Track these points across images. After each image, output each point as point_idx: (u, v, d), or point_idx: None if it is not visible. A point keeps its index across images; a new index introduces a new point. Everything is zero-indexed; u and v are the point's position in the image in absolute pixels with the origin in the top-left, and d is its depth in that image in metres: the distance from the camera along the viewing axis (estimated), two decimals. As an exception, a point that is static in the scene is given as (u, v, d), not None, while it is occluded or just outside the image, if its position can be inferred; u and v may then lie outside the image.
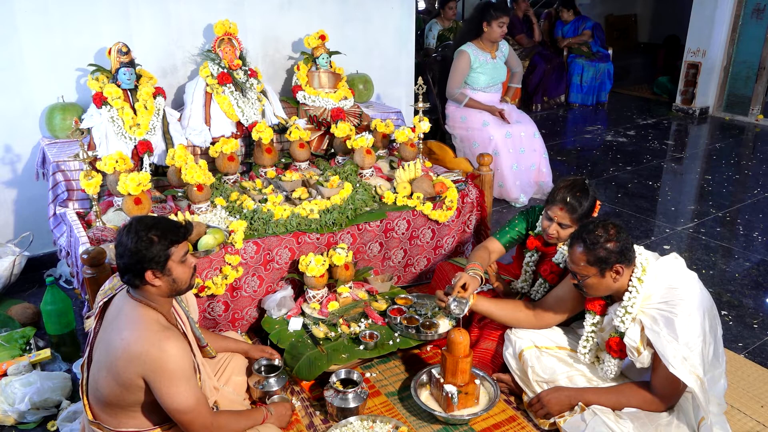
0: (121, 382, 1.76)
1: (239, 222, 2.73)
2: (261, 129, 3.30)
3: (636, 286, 2.09)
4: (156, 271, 1.79)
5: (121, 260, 1.80)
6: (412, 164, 3.25)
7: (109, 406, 1.84)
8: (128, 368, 1.74)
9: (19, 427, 2.37)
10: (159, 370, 1.73)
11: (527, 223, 2.73)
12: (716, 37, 6.89)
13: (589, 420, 2.11)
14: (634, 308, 2.09)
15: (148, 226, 1.80)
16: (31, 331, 2.83)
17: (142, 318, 1.80)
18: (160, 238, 1.79)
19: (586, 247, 2.07)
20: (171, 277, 1.83)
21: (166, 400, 1.76)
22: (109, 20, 3.34)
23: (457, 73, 4.50)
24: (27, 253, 3.31)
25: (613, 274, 2.08)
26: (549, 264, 2.60)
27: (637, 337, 2.08)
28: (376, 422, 2.24)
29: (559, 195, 2.43)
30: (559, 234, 2.47)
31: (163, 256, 1.80)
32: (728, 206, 4.58)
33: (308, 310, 2.78)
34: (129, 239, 1.77)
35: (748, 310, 3.19)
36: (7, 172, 3.35)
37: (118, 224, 2.75)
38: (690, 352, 1.98)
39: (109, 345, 1.79)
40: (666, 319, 2.02)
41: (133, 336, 1.75)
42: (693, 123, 7.08)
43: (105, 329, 1.86)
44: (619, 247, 2.05)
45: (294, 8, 3.91)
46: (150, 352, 1.73)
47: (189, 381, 1.78)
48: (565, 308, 2.38)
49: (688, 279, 2.12)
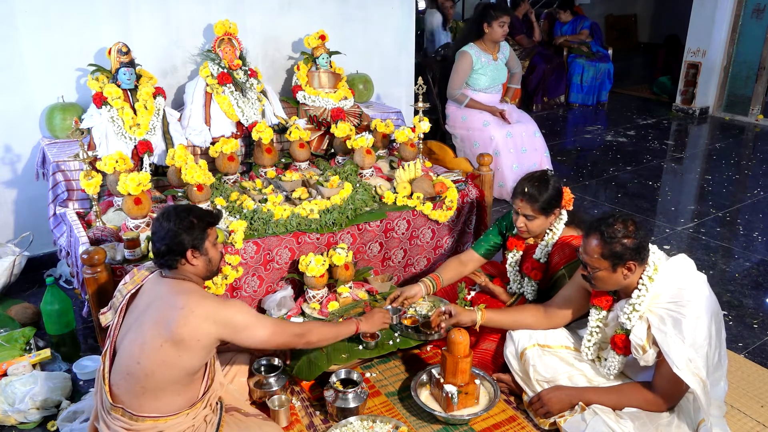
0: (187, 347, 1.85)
1: (239, 222, 2.73)
2: (261, 129, 3.30)
3: (646, 284, 2.08)
4: (195, 250, 1.97)
5: (163, 242, 1.94)
6: (412, 164, 3.25)
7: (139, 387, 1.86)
8: (198, 330, 1.85)
9: (19, 427, 2.37)
10: (230, 324, 1.91)
11: (501, 228, 2.77)
12: (716, 37, 6.89)
13: (589, 420, 2.11)
14: (642, 306, 2.08)
15: (187, 210, 2.00)
16: (31, 331, 2.83)
17: (190, 287, 1.96)
18: (198, 220, 1.99)
19: (603, 239, 2.05)
20: (207, 257, 2.01)
21: (250, 344, 2.00)
22: (109, 20, 3.34)
23: (458, 74, 4.50)
24: (27, 253, 3.31)
25: (625, 271, 2.07)
26: (530, 261, 2.62)
27: (644, 335, 2.07)
28: (376, 422, 2.24)
29: (520, 187, 2.51)
30: (527, 226, 2.52)
31: (201, 237, 1.98)
32: (728, 206, 4.58)
33: (308, 310, 2.78)
34: (172, 223, 1.94)
35: (748, 310, 3.19)
36: (7, 172, 3.35)
37: (118, 224, 2.75)
38: (695, 354, 1.97)
39: (166, 318, 1.86)
40: (674, 319, 2.01)
41: (192, 301, 1.89)
42: (693, 123, 7.08)
43: (145, 311, 1.93)
44: (635, 244, 2.04)
45: (294, 8, 3.91)
46: (218, 311, 1.90)
47: (258, 318, 2.00)
48: (573, 307, 2.37)
49: (697, 281, 2.11)
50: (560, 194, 2.51)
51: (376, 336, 2.63)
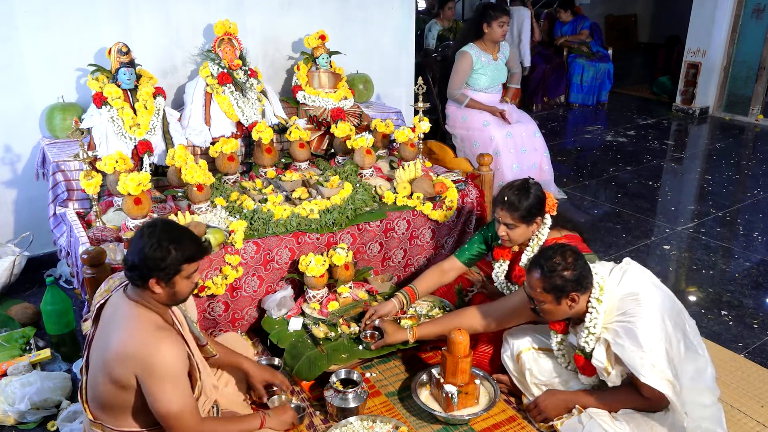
0: (115, 382, 1.76)
1: (239, 222, 2.73)
2: (261, 129, 3.30)
3: (596, 307, 2.09)
4: (161, 280, 1.78)
5: (132, 257, 1.78)
6: (412, 164, 3.25)
7: (107, 407, 1.83)
8: (122, 367, 1.74)
9: (19, 427, 2.37)
10: (149, 370, 1.72)
11: (486, 237, 2.75)
12: (716, 37, 6.89)
13: (585, 422, 2.11)
14: (596, 328, 2.09)
15: (171, 237, 1.78)
16: (31, 331, 2.83)
17: (137, 318, 1.79)
18: (178, 251, 1.78)
19: (543, 273, 2.06)
20: (173, 290, 1.82)
21: (152, 402, 1.75)
22: (109, 20, 3.34)
23: (458, 74, 4.49)
24: (27, 253, 3.31)
25: (569, 302, 2.08)
26: (518, 269, 2.60)
27: (604, 358, 2.08)
28: (376, 422, 2.25)
29: (500, 196, 2.48)
30: (509, 235, 2.49)
31: (174, 271, 1.78)
32: (728, 206, 4.58)
33: (308, 310, 2.78)
34: (149, 243, 1.75)
35: (748, 310, 3.19)
36: (7, 172, 3.35)
37: (118, 224, 2.75)
38: (656, 357, 1.97)
39: (105, 345, 1.79)
40: (626, 330, 2.01)
41: (126, 336, 1.75)
42: (693, 123, 7.08)
43: (101, 330, 1.86)
44: (575, 275, 2.05)
45: (294, 8, 3.91)
46: (142, 352, 1.72)
47: (176, 385, 1.77)
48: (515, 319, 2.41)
49: (642, 283, 2.12)
50: (542, 202, 2.46)
51: (376, 336, 2.62)
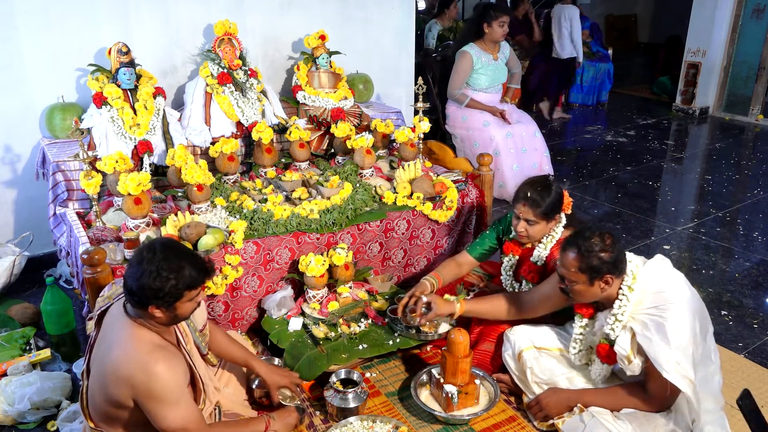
0: (111, 401, 1.76)
1: (239, 222, 2.73)
2: (261, 129, 3.30)
3: (627, 294, 2.08)
4: (161, 306, 1.73)
5: (131, 282, 1.70)
6: (412, 164, 3.25)
7: (105, 419, 1.83)
8: (117, 389, 1.73)
9: (19, 427, 2.37)
10: (146, 393, 1.70)
11: (498, 232, 2.76)
12: (716, 37, 6.89)
13: (587, 421, 2.11)
14: (624, 316, 2.08)
15: (171, 265, 1.69)
16: (31, 331, 2.83)
17: (133, 338, 1.75)
18: (178, 280, 1.70)
19: (580, 253, 2.05)
20: (174, 313, 1.77)
21: (155, 422, 1.74)
22: (109, 20, 3.34)
23: (458, 74, 4.50)
24: (27, 253, 3.31)
25: (602, 284, 2.08)
26: (528, 264, 2.61)
27: (628, 346, 2.07)
28: (376, 422, 2.24)
29: (522, 192, 2.48)
30: (528, 231, 2.50)
31: (173, 298, 1.72)
32: (728, 206, 4.58)
33: (308, 310, 2.78)
34: (147, 270, 1.67)
35: (748, 310, 3.19)
36: (7, 172, 3.35)
37: (118, 224, 2.75)
38: (682, 355, 1.97)
39: (101, 362, 1.77)
40: (657, 324, 2.01)
41: (121, 357, 1.72)
42: (693, 123, 7.08)
43: (101, 338, 1.84)
44: (612, 257, 2.05)
45: (294, 8, 3.91)
46: (137, 376, 1.69)
47: (177, 403, 1.75)
48: (549, 304, 2.39)
49: (676, 281, 2.12)
50: (561, 199, 2.50)
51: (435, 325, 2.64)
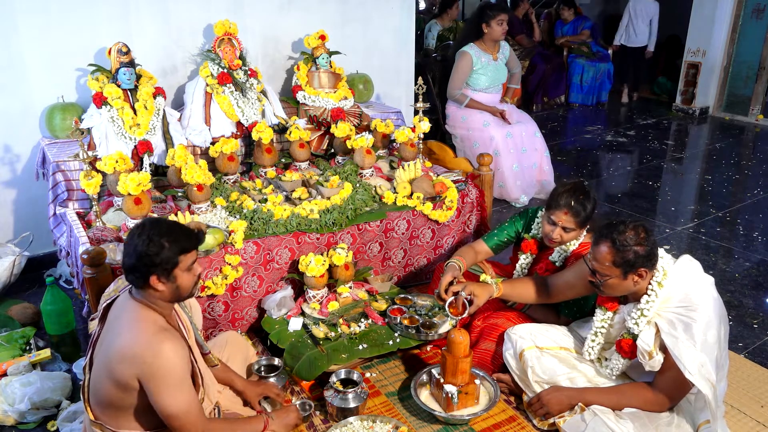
0: (117, 383, 1.76)
1: (239, 222, 2.73)
2: (261, 129, 3.30)
3: (656, 290, 2.06)
4: (161, 276, 1.78)
5: (128, 259, 1.78)
6: (412, 164, 3.25)
7: (108, 407, 1.84)
8: (123, 369, 1.74)
9: (19, 427, 2.37)
10: (151, 372, 1.72)
11: (518, 228, 2.74)
12: (716, 37, 6.90)
13: (589, 420, 2.11)
14: (650, 311, 2.07)
15: (161, 231, 1.78)
16: (31, 331, 2.83)
17: (140, 319, 1.79)
18: (171, 244, 1.77)
19: (615, 247, 2.03)
20: (175, 284, 1.82)
21: (157, 403, 1.76)
22: (109, 20, 3.34)
23: (458, 74, 4.50)
24: (27, 253, 3.31)
25: (636, 278, 2.06)
26: (545, 262, 2.60)
27: (651, 341, 2.06)
28: (376, 422, 2.24)
29: (563, 200, 2.42)
30: (563, 238, 2.47)
31: (171, 264, 1.78)
32: (728, 206, 4.58)
33: (308, 310, 2.78)
34: (140, 241, 1.76)
35: (748, 310, 3.19)
36: (7, 172, 3.35)
37: (118, 224, 2.75)
38: (706, 358, 1.96)
39: (109, 346, 1.79)
40: (685, 324, 2.00)
41: (129, 337, 1.75)
42: (693, 123, 7.08)
43: (106, 331, 1.86)
44: (647, 251, 2.03)
45: (294, 8, 3.91)
46: (144, 354, 1.72)
47: (181, 386, 1.77)
48: (572, 292, 2.38)
49: (705, 284, 2.10)
50: (595, 206, 2.48)
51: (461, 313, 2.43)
